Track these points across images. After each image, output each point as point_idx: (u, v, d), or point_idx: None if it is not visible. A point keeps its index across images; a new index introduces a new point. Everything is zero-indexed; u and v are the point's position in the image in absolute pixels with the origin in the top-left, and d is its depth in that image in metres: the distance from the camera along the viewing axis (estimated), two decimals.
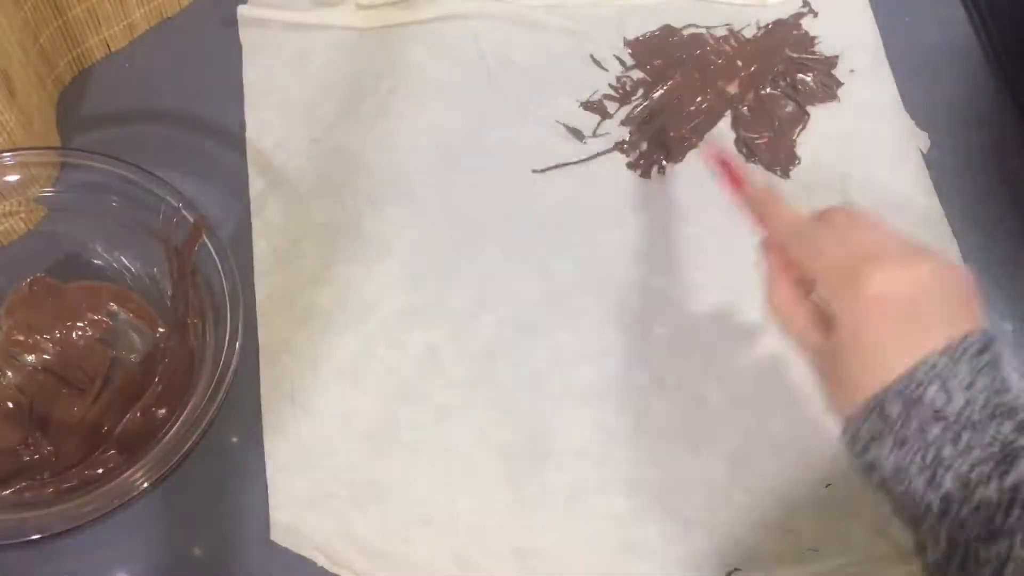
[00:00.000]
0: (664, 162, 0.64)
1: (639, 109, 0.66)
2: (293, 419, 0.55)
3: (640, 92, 0.66)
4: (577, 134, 0.65)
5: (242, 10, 0.67)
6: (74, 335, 0.55)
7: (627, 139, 0.64)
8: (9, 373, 0.53)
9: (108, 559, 0.51)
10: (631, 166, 0.64)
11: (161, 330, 0.55)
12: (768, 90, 0.67)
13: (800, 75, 0.67)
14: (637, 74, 0.67)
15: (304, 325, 0.57)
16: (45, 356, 0.54)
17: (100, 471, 0.51)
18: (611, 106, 0.66)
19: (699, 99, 0.66)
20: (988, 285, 0.61)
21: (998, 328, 0.60)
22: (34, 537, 0.46)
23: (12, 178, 0.54)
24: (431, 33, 0.67)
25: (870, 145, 0.65)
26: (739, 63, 0.68)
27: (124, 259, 0.57)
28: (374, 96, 0.65)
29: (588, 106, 0.66)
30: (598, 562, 0.53)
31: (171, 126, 0.63)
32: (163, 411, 0.52)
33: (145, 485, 0.47)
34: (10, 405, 0.52)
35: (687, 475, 0.55)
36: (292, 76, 0.65)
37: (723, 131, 0.65)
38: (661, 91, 0.66)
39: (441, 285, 0.59)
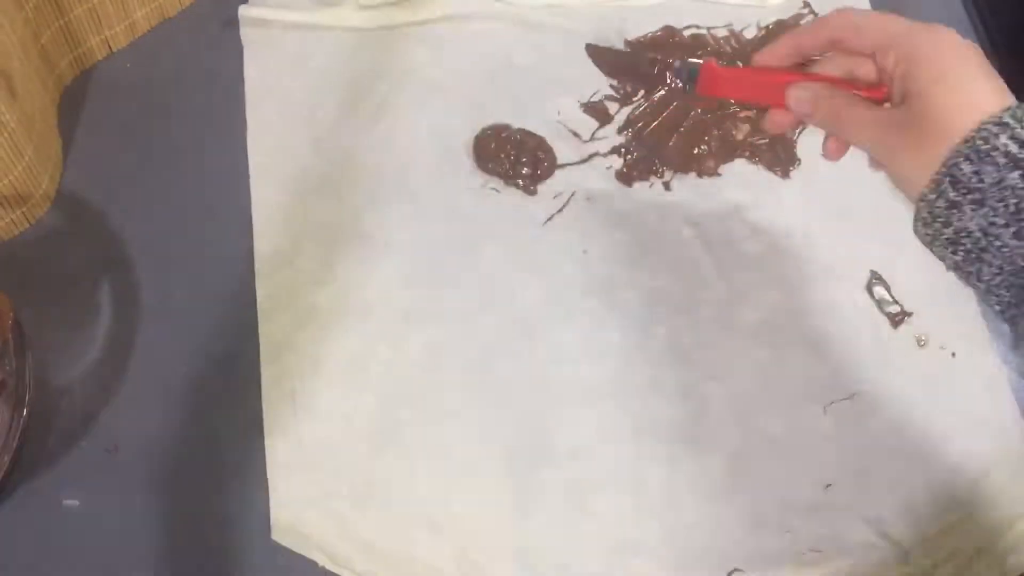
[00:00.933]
0: (661, 171, 0.64)
1: (640, 110, 0.66)
2: (294, 418, 0.55)
3: (641, 93, 0.66)
4: (578, 135, 0.65)
5: (243, 10, 0.67)
6: None
7: (624, 145, 0.64)
8: None
9: (109, 558, 0.51)
10: (620, 176, 0.63)
11: None
12: None
13: None
14: None
15: (305, 325, 0.57)
16: None
17: None
18: (612, 107, 0.66)
19: (699, 100, 0.66)
20: None
21: (998, 329, 0.60)
22: None
23: None
24: (432, 35, 0.67)
25: None
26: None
27: None
28: (375, 97, 0.65)
29: (589, 108, 0.66)
30: (598, 562, 0.53)
31: (172, 126, 0.63)
32: None
33: None
34: None
35: (687, 475, 0.55)
36: (293, 76, 0.65)
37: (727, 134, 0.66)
38: (662, 92, 0.66)
39: (441, 285, 0.59)
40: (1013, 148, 0.38)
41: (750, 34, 0.69)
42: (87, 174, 0.61)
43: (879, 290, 0.60)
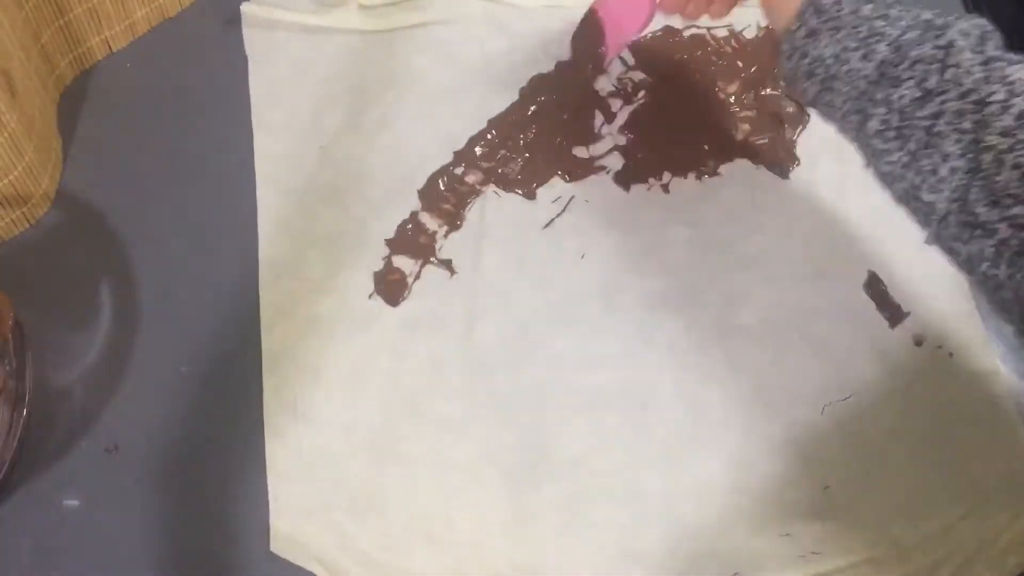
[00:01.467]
0: (660, 174, 0.64)
1: (642, 109, 0.66)
2: (294, 428, 0.55)
3: (642, 93, 0.66)
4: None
5: (246, 7, 0.66)
6: None
7: (625, 145, 0.64)
8: None
9: (109, 558, 0.52)
10: (618, 179, 0.63)
11: None
12: (768, 91, 0.67)
13: None
14: (639, 75, 0.67)
15: (307, 334, 0.57)
16: None
17: None
18: (614, 104, 0.66)
19: (699, 100, 0.66)
20: None
21: (996, 328, 0.60)
22: None
23: None
24: (434, 40, 0.67)
25: None
26: (740, 64, 0.68)
27: None
28: (379, 106, 0.64)
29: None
30: (599, 571, 0.52)
31: (172, 126, 0.63)
32: None
33: None
34: None
35: (687, 481, 0.54)
36: (298, 86, 0.65)
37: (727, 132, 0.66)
38: (662, 92, 0.66)
39: (442, 294, 0.59)
40: None
41: (750, 34, 0.69)
42: (87, 174, 0.61)
43: (877, 290, 0.60)
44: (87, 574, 0.51)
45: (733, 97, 0.67)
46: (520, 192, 0.62)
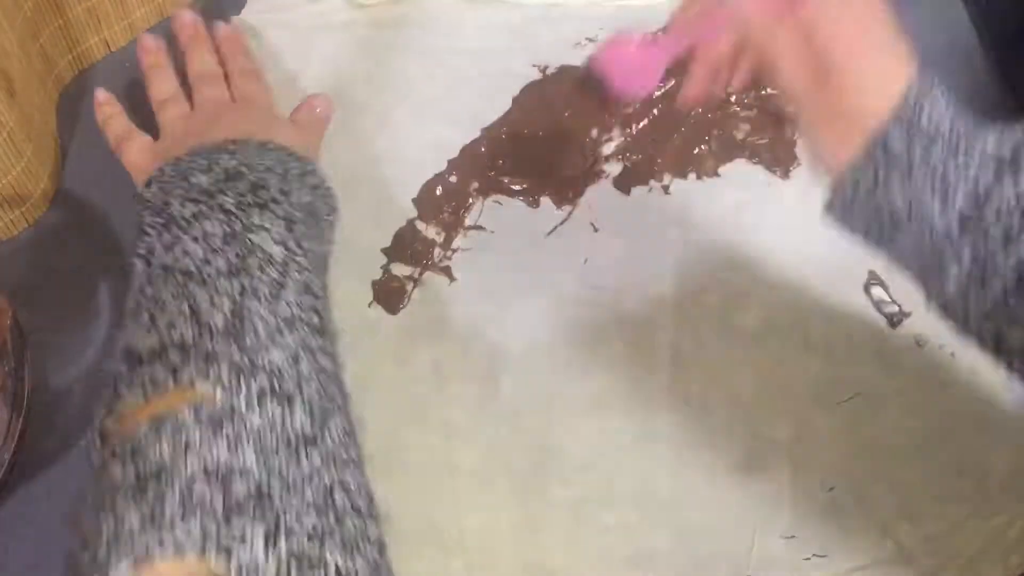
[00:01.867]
0: (661, 175, 0.64)
1: (640, 110, 0.66)
2: None
3: None
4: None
5: (236, 20, 0.66)
6: None
7: (624, 148, 0.64)
8: None
9: None
10: (617, 183, 0.63)
11: None
12: (768, 90, 0.67)
13: None
14: None
15: None
16: None
17: None
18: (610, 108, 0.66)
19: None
20: None
21: None
22: None
23: None
24: (427, 48, 0.66)
25: None
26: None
27: None
28: (371, 115, 0.64)
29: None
30: (608, 574, 0.52)
31: None
32: None
33: None
34: None
35: (694, 484, 0.54)
36: (289, 95, 0.65)
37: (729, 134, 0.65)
38: (661, 92, 0.66)
39: (443, 301, 0.59)
40: (936, 117, 0.40)
41: None
42: (87, 174, 0.61)
43: (877, 291, 0.60)
44: None
45: (733, 97, 0.67)
46: (522, 199, 0.62)
